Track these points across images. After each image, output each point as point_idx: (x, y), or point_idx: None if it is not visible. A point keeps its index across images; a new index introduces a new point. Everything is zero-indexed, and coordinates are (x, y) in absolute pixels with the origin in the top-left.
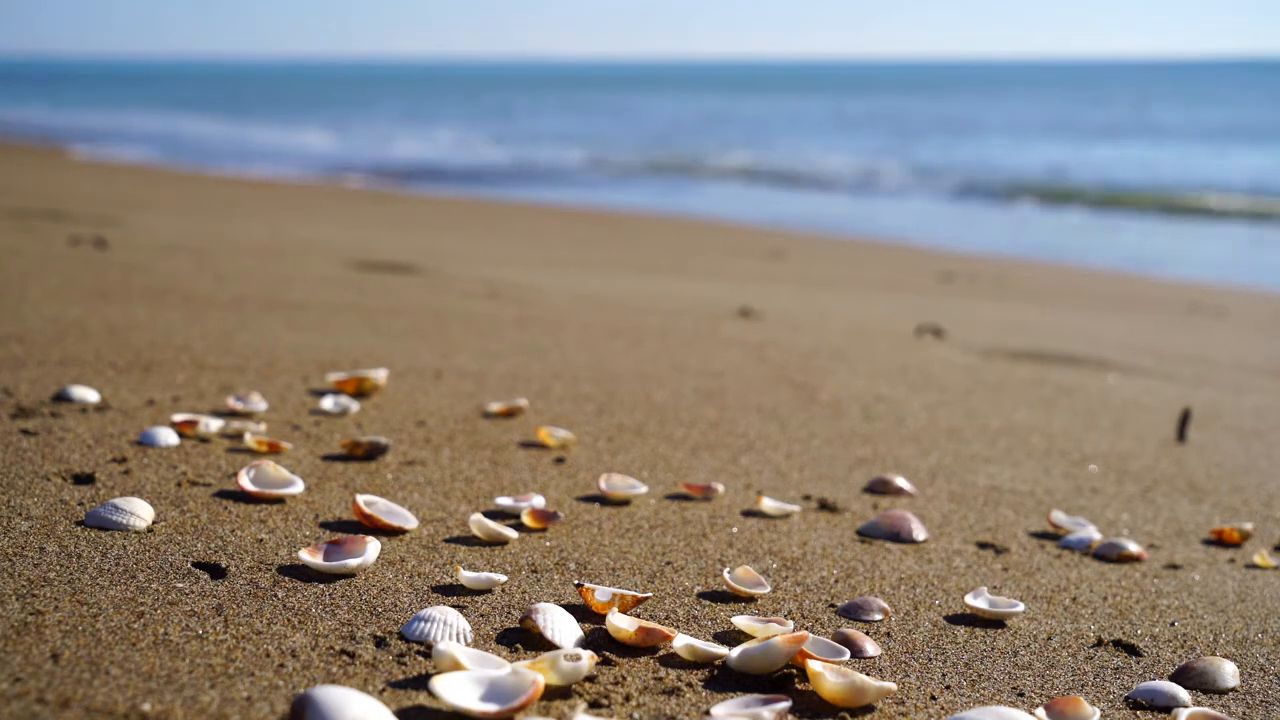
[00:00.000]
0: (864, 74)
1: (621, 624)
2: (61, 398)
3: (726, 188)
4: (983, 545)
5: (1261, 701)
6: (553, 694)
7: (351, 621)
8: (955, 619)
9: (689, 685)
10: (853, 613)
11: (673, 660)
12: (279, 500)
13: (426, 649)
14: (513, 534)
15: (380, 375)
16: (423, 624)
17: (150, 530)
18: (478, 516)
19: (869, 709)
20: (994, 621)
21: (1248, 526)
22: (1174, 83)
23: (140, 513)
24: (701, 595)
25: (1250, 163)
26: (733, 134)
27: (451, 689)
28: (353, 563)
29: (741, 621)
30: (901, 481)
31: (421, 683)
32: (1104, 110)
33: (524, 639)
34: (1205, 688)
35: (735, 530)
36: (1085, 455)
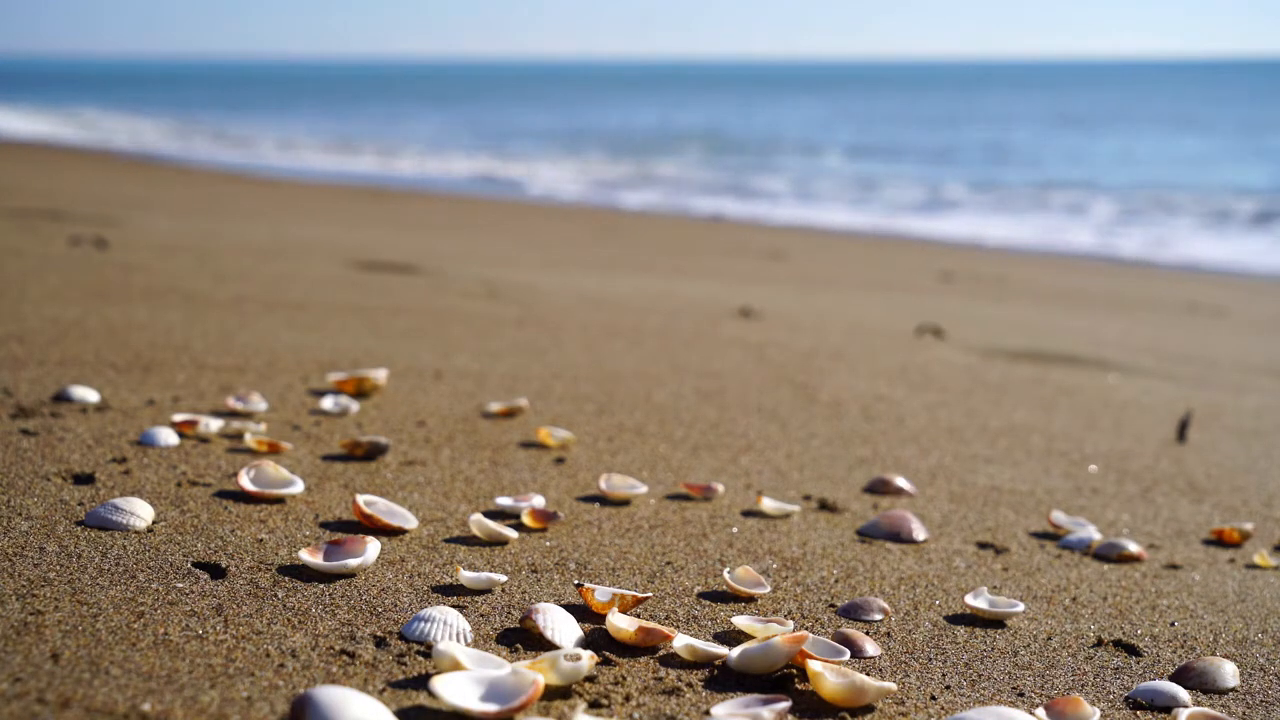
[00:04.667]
0: (864, 74)
1: (621, 624)
2: (61, 398)
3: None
4: (983, 545)
5: (1261, 701)
6: (553, 694)
7: (351, 621)
8: (955, 619)
9: (689, 685)
10: (853, 613)
11: (673, 660)
12: (279, 500)
13: (426, 649)
14: (513, 534)
15: (380, 375)
16: (423, 624)
17: (150, 530)
18: (478, 516)
19: (869, 709)
20: (994, 621)
21: (1248, 526)
22: (1164, 83)
23: (140, 513)
24: (701, 595)
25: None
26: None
27: (451, 689)
28: (353, 563)
29: (741, 621)
30: (901, 481)
31: (421, 683)
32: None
33: (524, 639)
34: (1205, 688)
35: (735, 530)
36: (1085, 455)
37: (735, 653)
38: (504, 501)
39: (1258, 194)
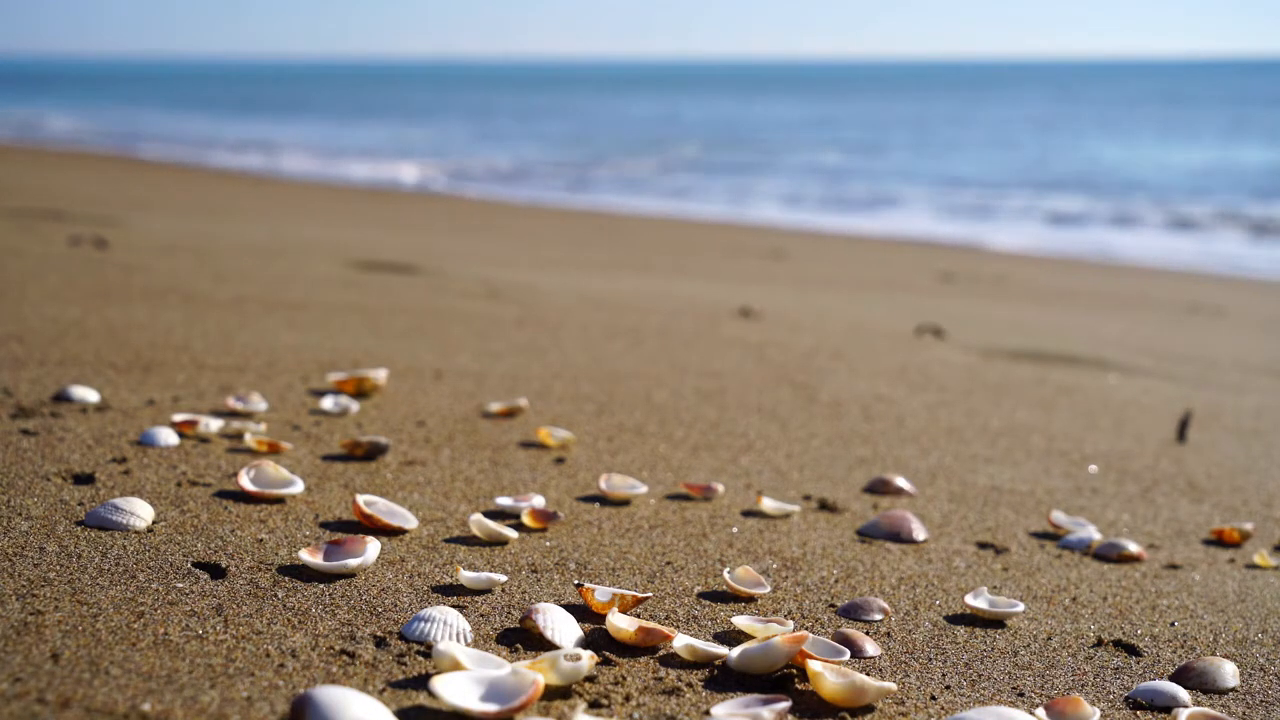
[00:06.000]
0: (865, 74)
1: (621, 624)
2: (61, 398)
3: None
4: (983, 545)
5: (1261, 701)
6: (553, 694)
7: (351, 621)
8: (955, 619)
9: (689, 685)
10: (853, 613)
11: (673, 660)
12: (279, 500)
13: (426, 649)
14: (513, 534)
15: (380, 375)
16: (423, 624)
17: (150, 530)
18: (478, 516)
19: (869, 709)
20: (994, 621)
21: (1248, 526)
22: (1164, 83)
23: (140, 513)
24: (701, 595)
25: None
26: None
27: (451, 689)
28: (353, 563)
29: (741, 621)
30: (901, 481)
31: (421, 683)
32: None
33: (524, 639)
34: (1205, 688)
35: (735, 530)
36: (1085, 455)
37: (735, 653)
38: (504, 501)
39: (1232, 195)
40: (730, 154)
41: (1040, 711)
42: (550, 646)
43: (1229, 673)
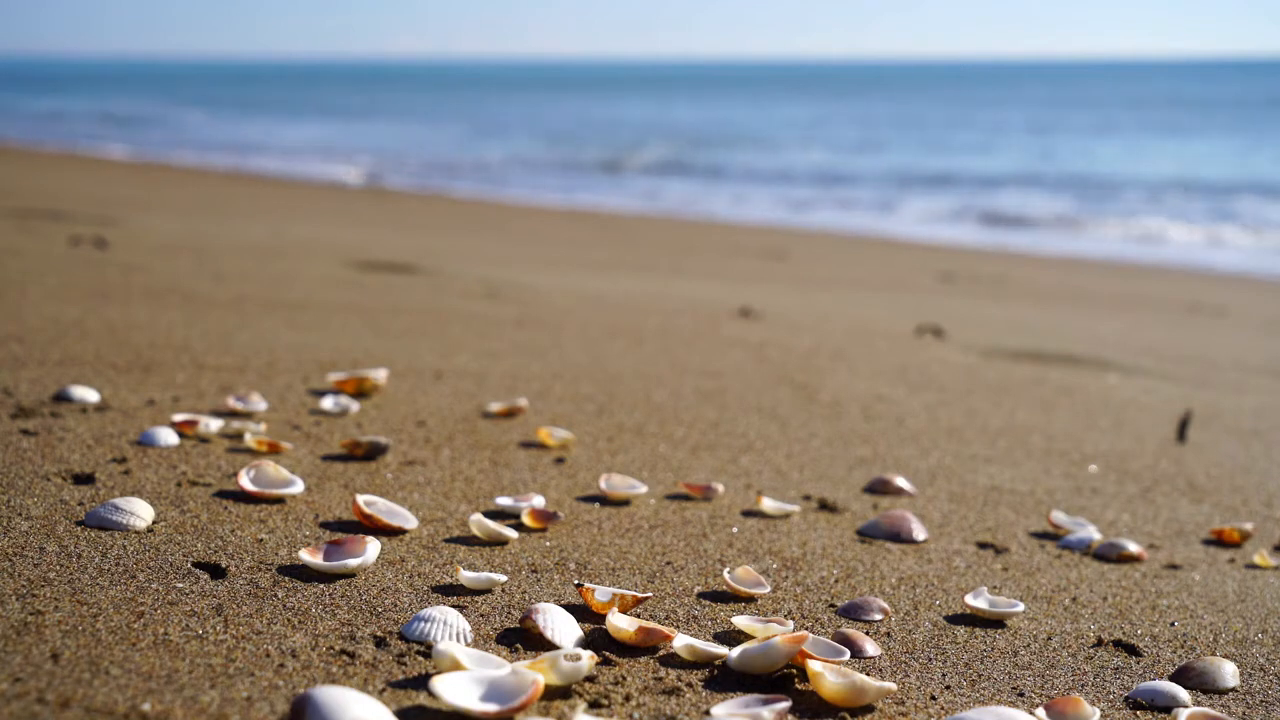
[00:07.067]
0: (865, 74)
1: (621, 624)
2: (61, 398)
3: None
4: (983, 545)
5: (1261, 701)
6: (553, 694)
7: (351, 621)
8: (955, 619)
9: (689, 685)
10: (853, 613)
11: (673, 660)
12: (279, 500)
13: (426, 649)
14: (513, 534)
15: (380, 375)
16: (423, 624)
17: (150, 530)
18: (478, 516)
19: (869, 709)
20: (994, 621)
21: (1248, 526)
22: (1164, 83)
23: (140, 513)
24: (701, 595)
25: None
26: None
27: (451, 689)
28: (353, 563)
29: (741, 621)
30: (901, 481)
31: (421, 683)
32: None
33: (524, 639)
34: (1205, 688)
35: (735, 530)
36: (1085, 455)
37: (735, 653)
38: (504, 501)
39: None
40: (730, 154)
41: (1040, 711)
42: (550, 646)
43: (1229, 673)
